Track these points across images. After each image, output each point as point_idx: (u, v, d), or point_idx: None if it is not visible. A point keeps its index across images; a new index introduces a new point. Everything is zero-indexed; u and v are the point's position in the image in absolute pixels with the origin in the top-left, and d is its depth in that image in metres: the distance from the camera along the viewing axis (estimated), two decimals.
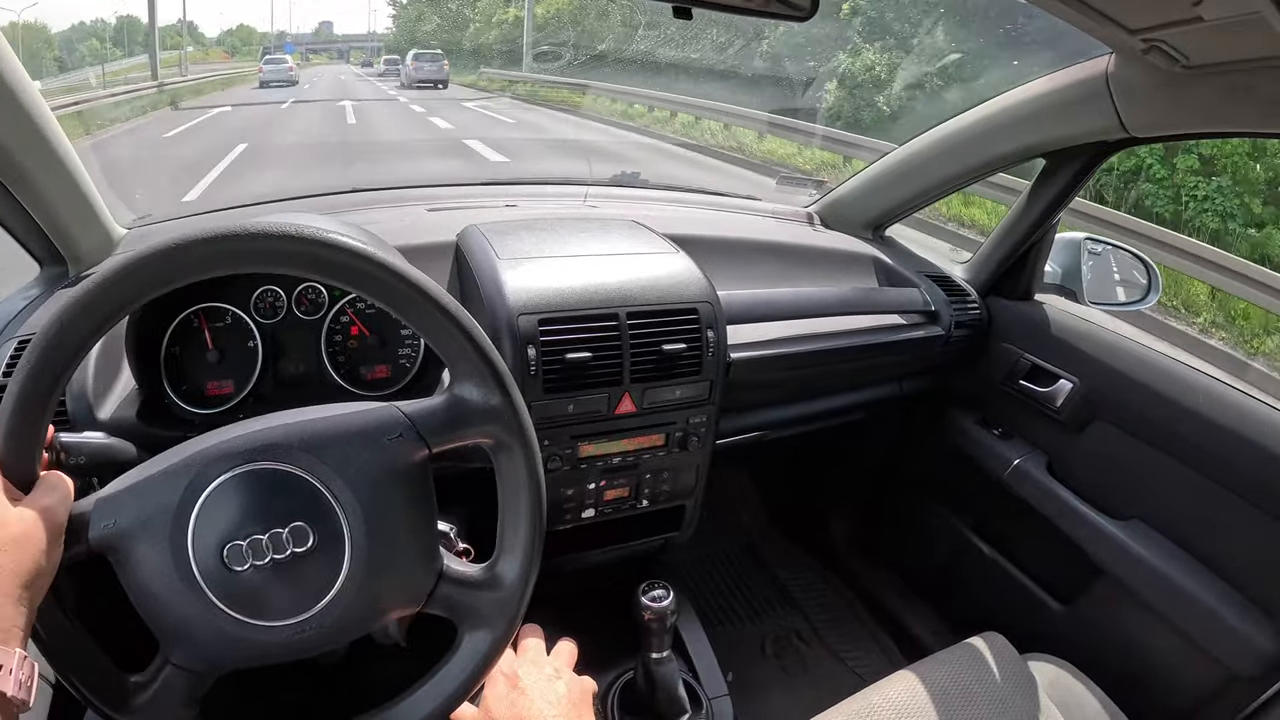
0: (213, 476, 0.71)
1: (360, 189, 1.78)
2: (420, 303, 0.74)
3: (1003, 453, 1.66)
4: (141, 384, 1.14)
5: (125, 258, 0.67)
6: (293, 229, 0.70)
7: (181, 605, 0.70)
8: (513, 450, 0.80)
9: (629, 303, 1.22)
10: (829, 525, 2.24)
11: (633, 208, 1.80)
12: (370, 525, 0.73)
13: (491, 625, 0.81)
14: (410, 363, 1.26)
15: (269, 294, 1.20)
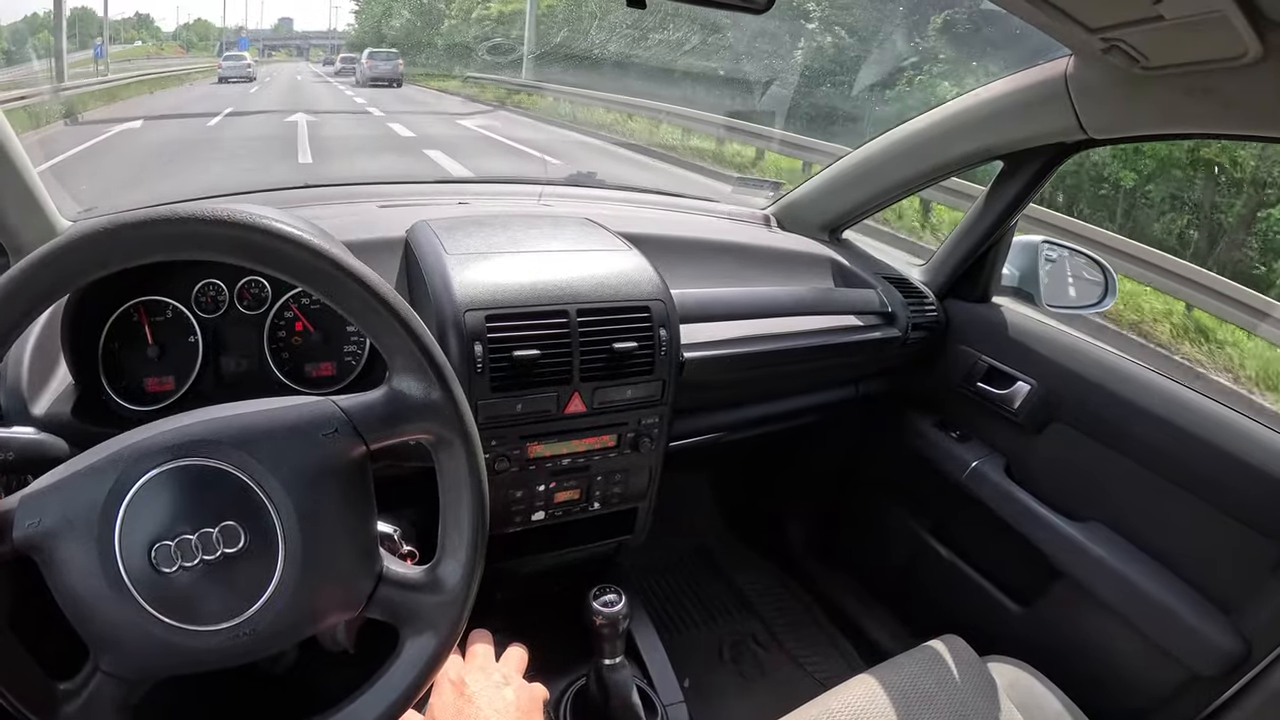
0: (140, 473, 0.68)
1: (312, 184, 1.76)
2: (359, 293, 0.71)
3: (961, 455, 1.67)
4: (78, 379, 1.10)
5: (55, 241, 0.64)
6: (225, 213, 0.67)
7: (110, 609, 0.67)
8: (453, 447, 0.77)
9: (579, 300, 1.21)
10: (786, 529, 2.24)
11: (588, 207, 1.79)
12: (305, 525, 0.71)
13: (435, 629, 0.78)
14: (356, 360, 1.24)
15: (210, 287, 1.18)
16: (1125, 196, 8.47)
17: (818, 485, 2.15)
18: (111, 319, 1.13)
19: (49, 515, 0.67)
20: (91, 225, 0.64)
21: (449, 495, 0.78)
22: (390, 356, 0.75)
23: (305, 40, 48.49)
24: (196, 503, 0.68)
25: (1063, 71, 1.27)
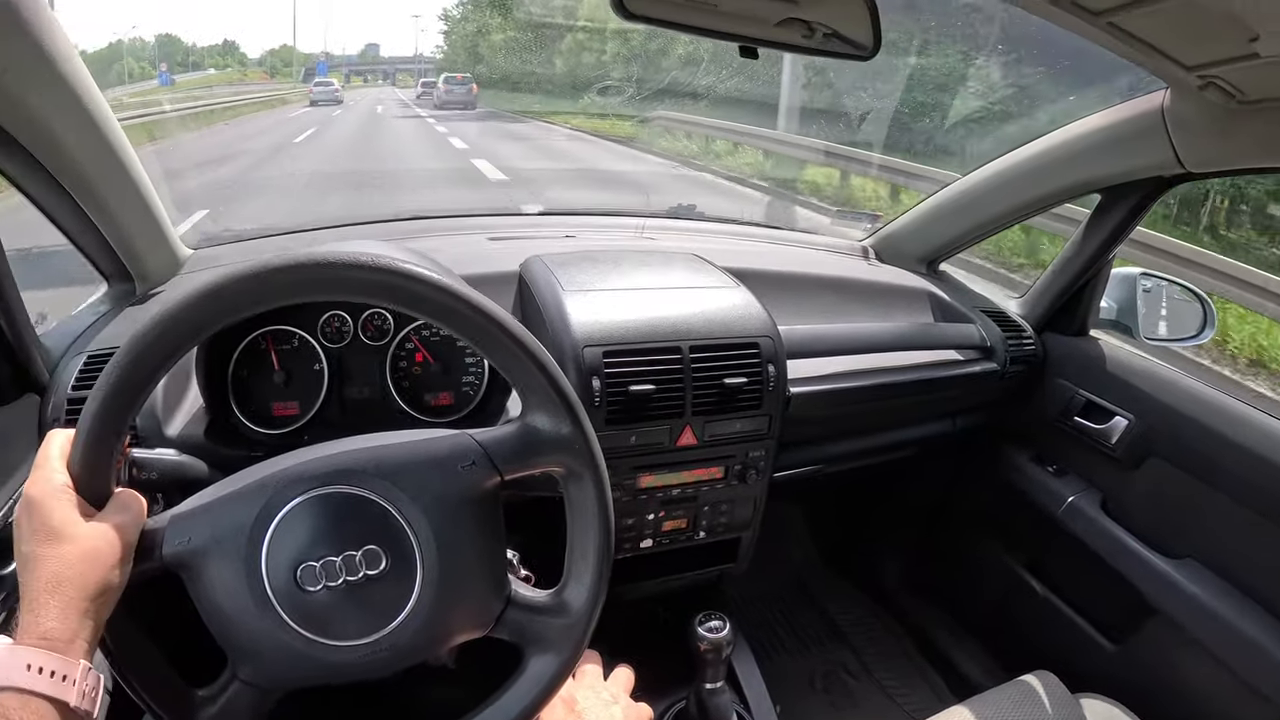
0: (288, 498, 0.78)
1: (420, 216, 1.90)
2: (496, 335, 0.80)
3: (1057, 490, 1.73)
4: (209, 403, 1.23)
5: (209, 281, 0.73)
6: (371, 259, 0.77)
7: (253, 623, 0.77)
8: (583, 479, 0.86)
9: (692, 336, 1.32)
10: (880, 561, 2.30)
11: (689, 240, 1.91)
12: (442, 550, 0.80)
13: (557, 650, 0.87)
14: (474, 390, 1.35)
15: (336, 319, 1.30)
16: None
17: (912, 518, 2.22)
18: (240, 347, 1.26)
19: (198, 535, 0.77)
20: (250, 267, 0.74)
21: (577, 524, 0.87)
22: (524, 394, 0.84)
23: (391, 65, 49.48)
24: (340, 527, 0.78)
25: (1159, 105, 1.32)
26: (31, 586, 0.68)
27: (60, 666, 0.65)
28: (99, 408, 0.74)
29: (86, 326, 1.35)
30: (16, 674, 0.63)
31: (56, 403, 1.21)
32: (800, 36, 1.09)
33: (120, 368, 0.73)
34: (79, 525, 0.71)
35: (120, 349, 0.73)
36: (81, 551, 0.69)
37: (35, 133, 1.09)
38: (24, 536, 0.70)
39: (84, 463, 0.74)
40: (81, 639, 0.68)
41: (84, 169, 1.19)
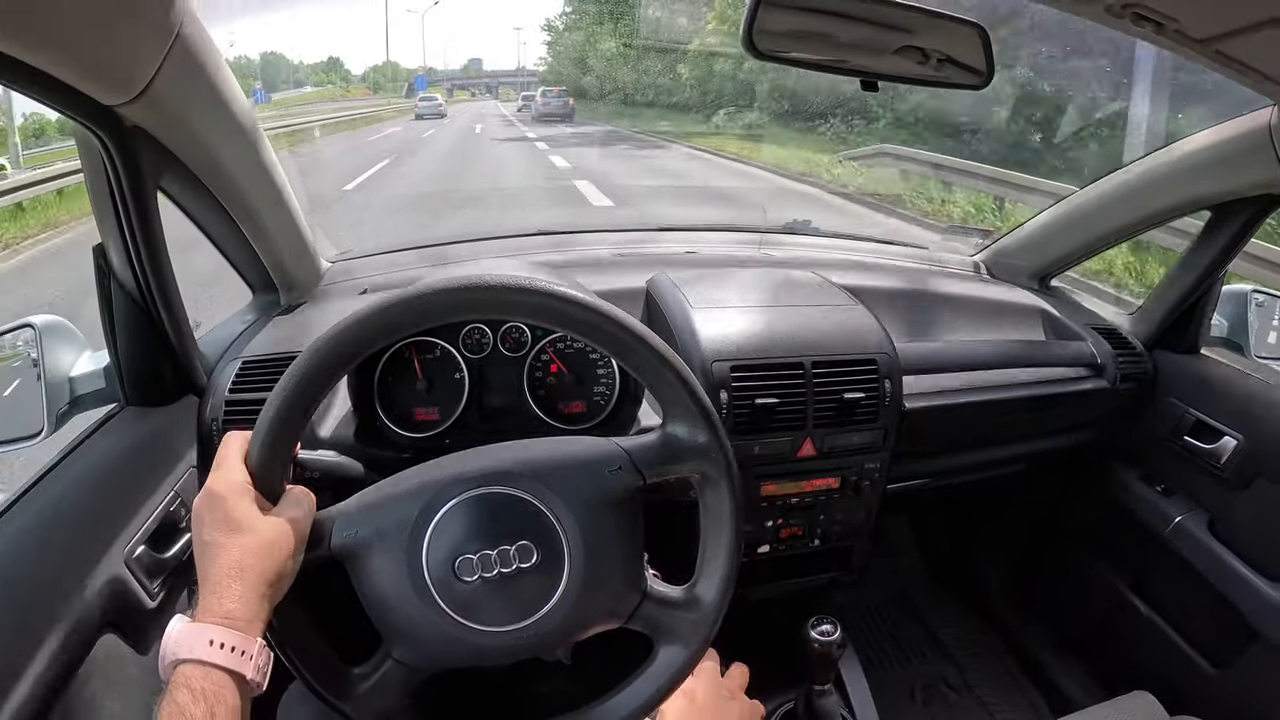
0: (449, 497, 0.89)
1: (545, 232, 2.02)
2: (642, 352, 0.91)
3: (1164, 509, 1.76)
4: (357, 407, 1.37)
5: (381, 300, 0.85)
6: (529, 283, 0.88)
7: (411, 609, 0.87)
8: (718, 485, 0.95)
9: (813, 352, 1.41)
10: (985, 576, 2.34)
11: (805, 255, 2.01)
12: (588, 546, 0.90)
13: (686, 643, 0.96)
14: (605, 400, 1.46)
15: (476, 331, 1.42)
16: None
17: (1019, 534, 2.25)
18: (386, 356, 1.39)
19: (364, 528, 0.89)
20: (417, 290, 0.85)
21: (710, 526, 0.97)
22: (665, 405, 0.94)
23: (493, 79, 50.14)
24: (496, 524, 0.89)
25: (1266, 122, 1.35)
26: (214, 572, 0.78)
27: (240, 643, 0.74)
28: (277, 414, 0.84)
29: (238, 334, 1.50)
30: (200, 647, 0.73)
31: (214, 404, 1.35)
32: (915, 63, 1.17)
33: (299, 376, 0.84)
34: (259, 518, 0.81)
35: (299, 360, 0.84)
36: (261, 542, 0.80)
37: (202, 157, 1.22)
38: (207, 527, 0.80)
39: (261, 461, 0.85)
40: (258, 620, 0.78)
41: (242, 189, 1.33)
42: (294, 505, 0.86)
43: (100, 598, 1.03)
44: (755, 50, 1.10)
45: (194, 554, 0.82)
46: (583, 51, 30.92)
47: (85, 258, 1.20)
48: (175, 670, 0.73)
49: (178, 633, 0.75)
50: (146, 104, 1.03)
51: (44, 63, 0.88)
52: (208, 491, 0.82)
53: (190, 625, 0.75)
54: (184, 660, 0.73)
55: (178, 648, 0.74)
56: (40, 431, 1.23)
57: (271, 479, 0.86)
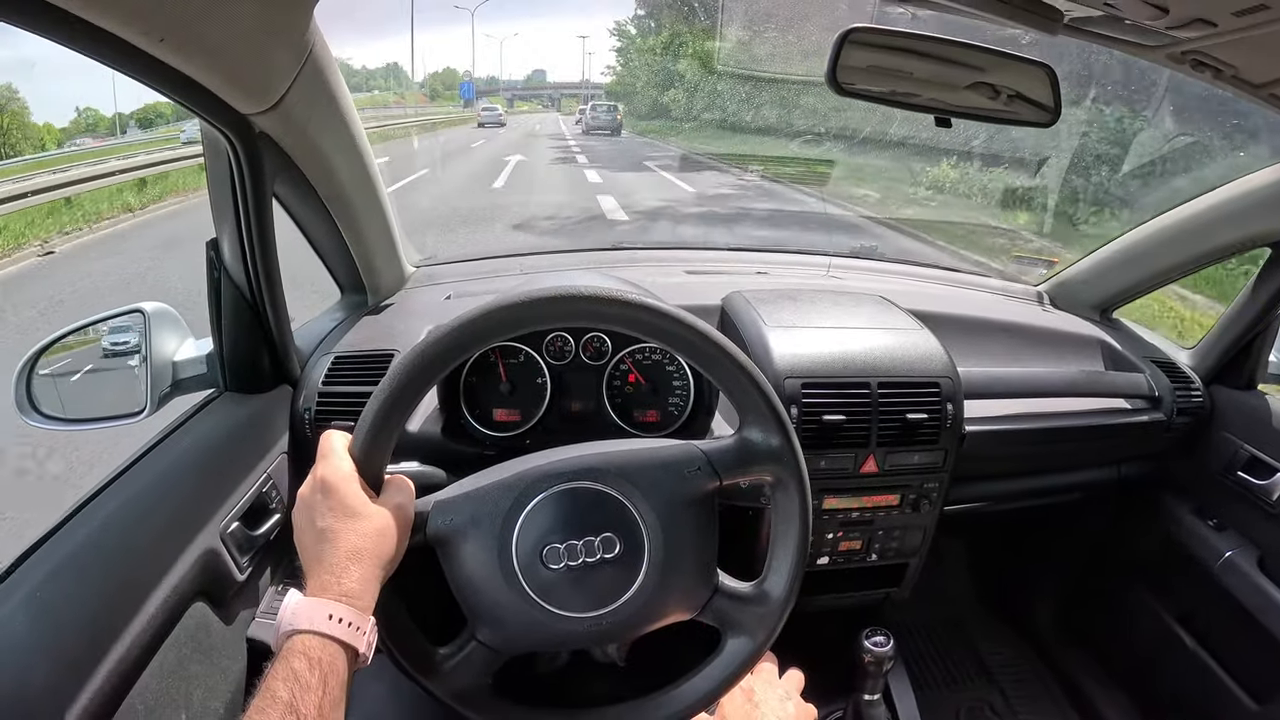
0: (540, 490, 0.96)
1: (622, 246, 2.14)
2: (722, 360, 0.98)
3: (1215, 544, 1.80)
4: (444, 406, 1.46)
5: (485, 307, 0.92)
6: (618, 294, 0.95)
7: (499, 593, 0.95)
8: (789, 487, 1.02)
9: (879, 373, 1.48)
10: (1034, 602, 2.38)
11: (872, 279, 2.08)
12: (667, 541, 0.97)
13: (753, 635, 1.03)
14: (679, 411, 1.54)
15: (559, 339, 1.51)
16: None
17: (1070, 562, 2.29)
18: (472, 358, 1.48)
19: (460, 516, 0.97)
20: (517, 296, 0.92)
21: (781, 525, 1.03)
22: (742, 411, 1.02)
23: (556, 91, 49.30)
24: (582, 516, 0.96)
25: None
26: (331, 555, 0.85)
27: (355, 619, 0.81)
28: (382, 407, 0.92)
29: (329, 331, 1.61)
30: (319, 620, 0.79)
31: (308, 395, 1.46)
32: (986, 99, 1.24)
33: (402, 374, 0.92)
34: (370, 505, 0.89)
35: (402, 358, 0.92)
36: (375, 527, 0.87)
37: (317, 165, 1.34)
38: (321, 513, 0.87)
39: (366, 452, 0.93)
40: (371, 598, 0.85)
41: (348, 196, 1.45)
42: (399, 492, 0.94)
43: (195, 568, 1.13)
44: (838, 86, 1.18)
45: (302, 539, 0.90)
46: (659, 64, 29.11)
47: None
48: (290, 639, 0.79)
49: (296, 605, 0.81)
50: (277, 114, 1.15)
51: (195, 71, 0.98)
52: (319, 480, 0.90)
53: (310, 599, 0.81)
54: (301, 630, 0.79)
55: (295, 619, 0.80)
56: (143, 410, 1.33)
57: (373, 468, 0.93)
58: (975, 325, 1.88)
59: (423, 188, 13.48)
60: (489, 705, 1.01)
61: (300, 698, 0.74)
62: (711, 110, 22.53)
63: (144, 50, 0.89)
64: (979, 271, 2.35)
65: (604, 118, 25.92)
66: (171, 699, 1.07)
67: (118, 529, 1.08)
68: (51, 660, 0.90)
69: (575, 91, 47.19)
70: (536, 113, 42.99)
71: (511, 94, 48.00)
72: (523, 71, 61.56)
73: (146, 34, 0.86)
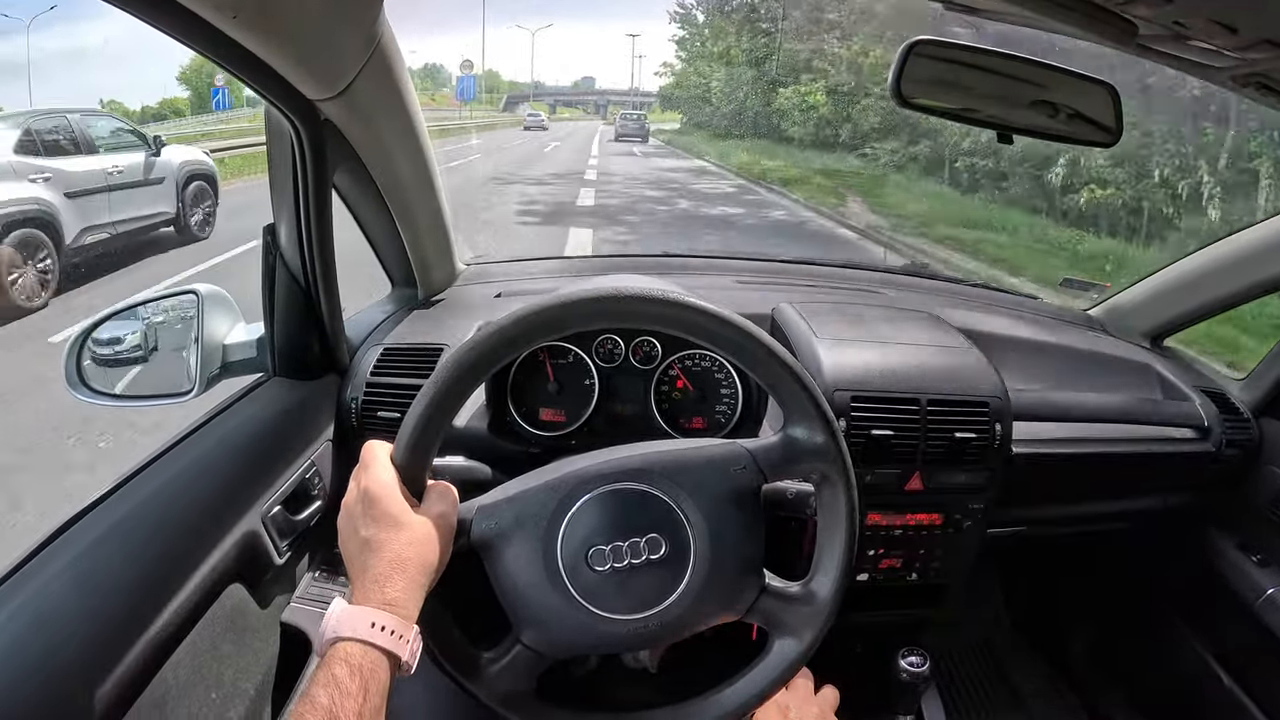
0: (584, 492, 0.99)
1: (671, 254, 2.18)
2: (765, 358, 1.00)
3: (1257, 580, 1.78)
4: (490, 403, 1.49)
5: (532, 306, 0.95)
6: (663, 294, 0.98)
7: (544, 596, 0.97)
8: (835, 485, 1.03)
9: (929, 390, 1.49)
10: (1069, 632, 2.37)
11: (922, 296, 2.10)
12: (713, 540, 0.99)
13: (799, 636, 1.04)
14: (725, 419, 1.56)
15: (609, 341, 1.54)
16: None
17: (1109, 593, 2.29)
18: (521, 357, 1.50)
19: (503, 520, 0.99)
20: (569, 295, 0.95)
21: (827, 524, 1.05)
22: (787, 409, 1.03)
23: (602, 97, 49.10)
24: (628, 517, 0.99)
25: None
26: (376, 564, 0.88)
27: (399, 627, 0.85)
28: (426, 410, 0.94)
29: (378, 323, 1.65)
30: (362, 628, 0.83)
31: (356, 384, 1.50)
32: (1046, 117, 1.26)
33: (443, 381, 0.95)
34: (412, 514, 0.92)
35: (448, 357, 0.95)
36: (418, 536, 0.91)
37: (379, 155, 1.37)
38: (365, 523, 0.91)
39: (407, 461, 0.95)
40: (415, 607, 0.89)
41: (406, 188, 1.49)
42: (441, 500, 0.96)
43: (235, 548, 1.18)
44: (902, 98, 1.21)
45: (347, 548, 0.93)
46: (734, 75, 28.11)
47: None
48: (333, 646, 0.82)
49: (340, 613, 0.85)
50: (343, 102, 1.19)
51: (266, 52, 1.02)
52: (362, 491, 0.93)
53: (354, 607, 0.85)
54: (345, 638, 0.83)
55: (340, 626, 0.83)
56: (190, 391, 1.38)
57: (416, 473, 0.96)
58: (1023, 345, 1.89)
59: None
60: (533, 708, 1.03)
61: (340, 704, 0.77)
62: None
63: (217, 27, 0.92)
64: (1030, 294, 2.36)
65: (631, 126, 28.48)
66: (203, 677, 1.11)
67: (161, 504, 1.13)
68: (89, 626, 0.94)
69: (623, 99, 47.00)
70: (579, 119, 43.20)
71: (555, 100, 47.88)
72: (570, 77, 61.26)
73: (219, 9, 0.89)
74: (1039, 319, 2.13)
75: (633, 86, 50.69)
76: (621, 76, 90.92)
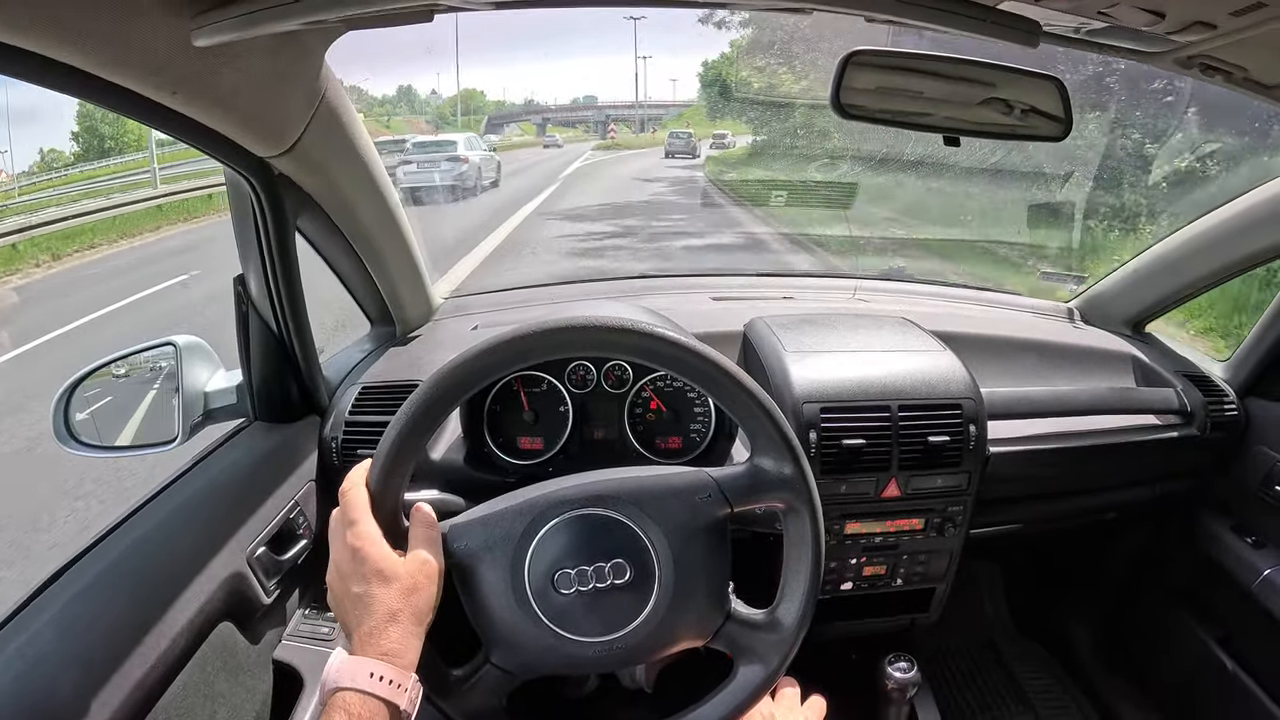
0: (552, 516, 1.02)
1: (649, 275, 2.21)
2: (732, 388, 1.03)
3: (1253, 562, 1.80)
4: (467, 434, 1.52)
5: (497, 337, 0.98)
6: (630, 323, 1.00)
7: (512, 617, 1.01)
8: (801, 515, 1.06)
9: (900, 396, 1.52)
10: (1071, 626, 2.38)
11: (898, 301, 2.12)
12: (678, 567, 1.02)
13: (765, 662, 1.06)
14: (700, 437, 1.59)
15: (581, 368, 1.57)
16: None
17: (1107, 585, 2.30)
18: (496, 388, 1.54)
19: (474, 541, 1.02)
20: (531, 327, 0.98)
21: (793, 553, 1.07)
22: (753, 439, 1.06)
23: (600, 112, 44.43)
24: (594, 542, 1.02)
25: None
26: (370, 620, 0.91)
27: (396, 676, 0.88)
28: (398, 437, 0.97)
29: (357, 362, 1.69)
30: (361, 678, 0.86)
31: (335, 424, 1.54)
32: (1000, 114, 1.28)
33: (416, 408, 0.97)
34: (401, 564, 0.95)
35: (416, 393, 0.97)
36: (408, 587, 0.94)
37: (337, 202, 1.43)
38: (356, 580, 0.94)
39: (383, 482, 0.98)
40: (413, 654, 0.92)
41: (371, 231, 1.53)
42: (426, 545, 0.98)
43: (222, 589, 1.22)
44: (842, 109, 1.22)
45: (342, 604, 0.96)
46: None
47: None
48: (334, 696, 0.86)
49: (339, 663, 0.88)
50: (293, 157, 1.23)
51: (212, 121, 1.07)
52: (348, 548, 0.96)
53: (353, 658, 0.89)
54: (345, 688, 0.86)
55: (339, 676, 0.87)
56: (175, 439, 1.42)
57: (391, 502, 0.99)
58: (1003, 345, 1.91)
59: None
60: None
61: None
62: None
63: (159, 102, 0.96)
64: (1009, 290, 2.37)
65: (679, 144, 28.07)
66: (196, 716, 1.14)
67: (146, 551, 1.17)
68: (79, 672, 0.98)
69: (626, 113, 43.90)
70: (575, 143, 37.48)
71: (544, 118, 44.53)
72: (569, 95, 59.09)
73: (158, 89, 0.93)
74: (1018, 315, 2.17)
75: (637, 101, 46.79)
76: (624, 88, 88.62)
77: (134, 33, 0.86)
